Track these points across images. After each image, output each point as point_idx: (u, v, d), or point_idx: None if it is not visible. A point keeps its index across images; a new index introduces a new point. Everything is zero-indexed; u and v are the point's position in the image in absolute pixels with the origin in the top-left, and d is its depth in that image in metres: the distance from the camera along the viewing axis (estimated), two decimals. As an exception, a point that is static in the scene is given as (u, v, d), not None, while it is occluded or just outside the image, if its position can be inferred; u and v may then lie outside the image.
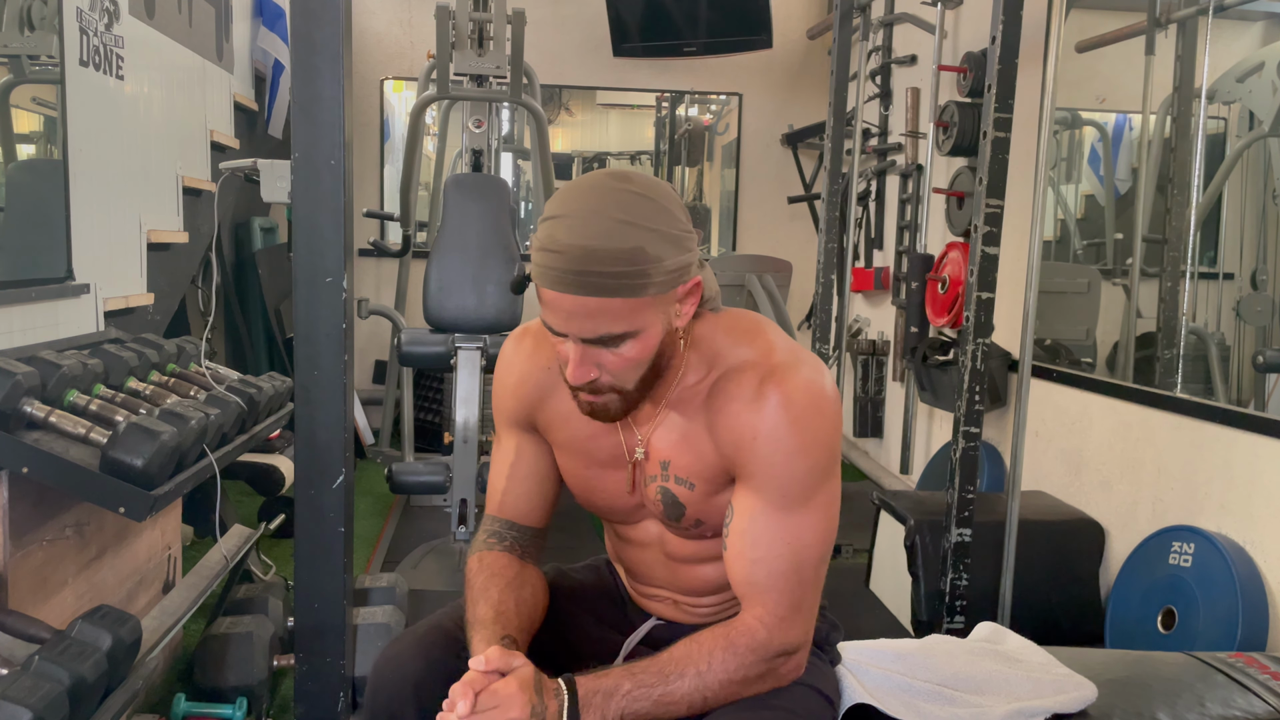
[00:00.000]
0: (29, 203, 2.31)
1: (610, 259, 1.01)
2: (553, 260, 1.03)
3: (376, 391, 4.94)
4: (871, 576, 3.01)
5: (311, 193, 1.63)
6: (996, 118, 2.28)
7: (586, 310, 1.04)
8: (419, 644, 1.22)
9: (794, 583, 1.13)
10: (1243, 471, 2.20)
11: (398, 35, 5.23)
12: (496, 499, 1.31)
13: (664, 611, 1.34)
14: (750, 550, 1.13)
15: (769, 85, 5.46)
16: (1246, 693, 1.40)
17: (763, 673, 1.13)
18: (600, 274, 1.01)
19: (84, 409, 1.83)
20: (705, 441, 1.16)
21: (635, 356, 1.08)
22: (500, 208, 3.47)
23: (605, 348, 1.07)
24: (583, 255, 1.01)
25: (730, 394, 1.13)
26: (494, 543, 1.29)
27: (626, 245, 1.02)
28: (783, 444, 1.10)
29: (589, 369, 1.08)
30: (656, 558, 1.29)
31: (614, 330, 1.05)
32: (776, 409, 1.10)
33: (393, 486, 3.25)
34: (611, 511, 1.29)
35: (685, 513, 1.20)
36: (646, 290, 1.04)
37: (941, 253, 3.30)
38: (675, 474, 1.19)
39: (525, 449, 1.30)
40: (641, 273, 1.03)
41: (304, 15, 1.60)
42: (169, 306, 3.02)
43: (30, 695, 1.37)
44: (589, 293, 1.02)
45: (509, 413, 1.29)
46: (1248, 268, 2.58)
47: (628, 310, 1.04)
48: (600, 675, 1.10)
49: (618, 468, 1.24)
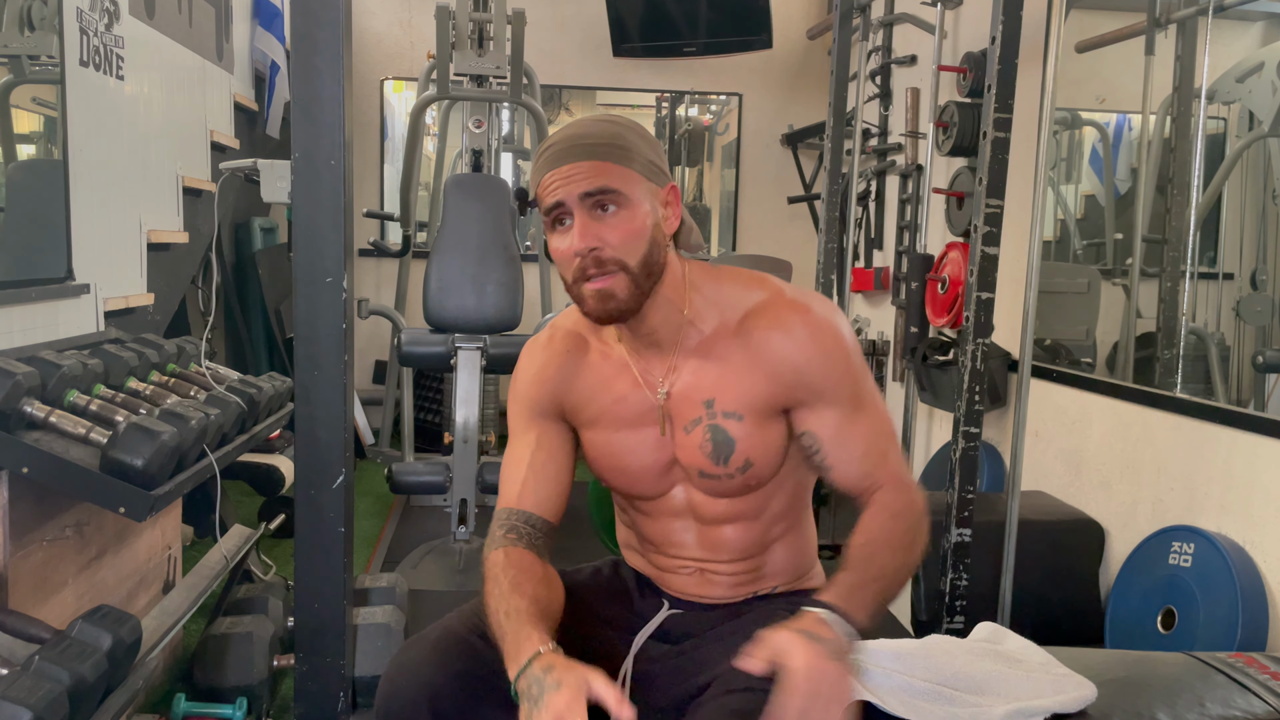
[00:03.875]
0: (29, 203, 2.31)
1: (596, 137, 1.18)
2: (548, 151, 1.19)
3: (376, 391, 4.94)
4: (871, 576, 3.00)
5: (311, 193, 1.63)
6: (996, 118, 2.28)
7: (580, 171, 1.16)
8: (434, 650, 1.20)
9: (893, 453, 1.27)
10: (1243, 471, 2.20)
11: (398, 35, 5.23)
12: (515, 490, 1.32)
13: (688, 586, 1.34)
14: (850, 451, 1.25)
15: (769, 85, 5.46)
16: (1246, 693, 1.40)
17: (924, 526, 1.24)
18: (588, 144, 1.17)
19: (84, 409, 1.83)
20: (752, 374, 1.23)
21: (630, 226, 1.18)
22: (500, 208, 3.47)
23: (604, 215, 1.17)
24: (572, 136, 1.19)
25: (763, 330, 1.23)
26: (513, 538, 1.28)
27: (610, 130, 1.19)
28: (832, 358, 1.23)
29: (591, 237, 1.17)
30: (685, 525, 1.32)
31: (605, 185, 1.16)
32: (817, 332, 1.23)
33: (393, 486, 3.26)
34: (641, 480, 1.30)
35: (735, 449, 1.23)
36: (631, 163, 1.18)
37: (941, 253, 3.29)
38: (722, 410, 1.24)
39: (546, 438, 1.33)
40: (624, 148, 1.18)
41: (304, 15, 1.60)
42: (169, 306, 3.02)
43: (30, 695, 1.37)
44: (581, 157, 1.17)
45: (531, 403, 1.33)
46: (1248, 268, 2.58)
47: (617, 173, 1.17)
48: (828, 588, 1.14)
49: (647, 424, 1.28)
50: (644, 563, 1.40)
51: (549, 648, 1.08)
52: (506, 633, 1.12)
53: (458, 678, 1.18)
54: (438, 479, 3.22)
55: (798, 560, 1.37)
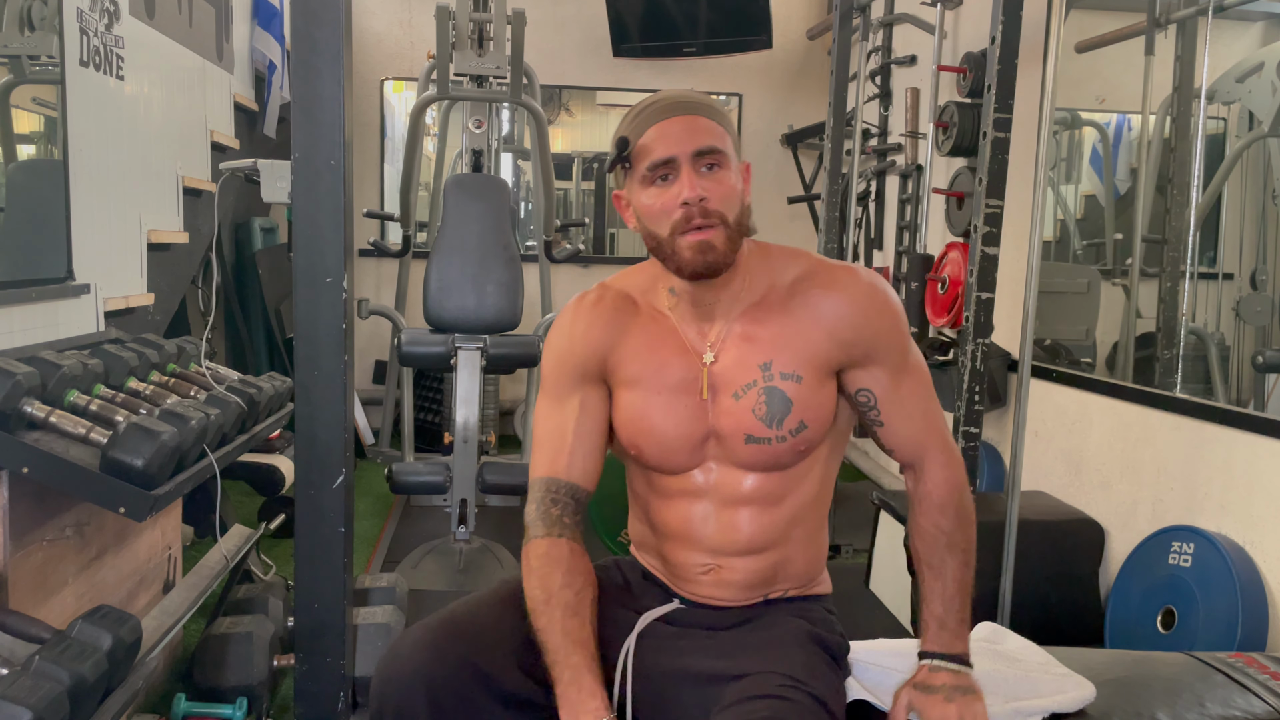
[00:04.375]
0: (29, 203, 2.31)
1: (698, 99, 1.25)
2: (655, 106, 1.23)
3: (376, 391, 4.94)
4: (871, 576, 3.01)
5: (311, 193, 1.63)
6: (996, 118, 2.28)
7: (693, 126, 1.21)
8: (430, 637, 1.21)
9: (936, 413, 1.33)
10: (1243, 471, 2.20)
11: (398, 35, 5.23)
12: (561, 460, 1.31)
13: (700, 589, 1.33)
14: (905, 407, 1.30)
15: (769, 85, 5.46)
16: (1246, 693, 1.40)
17: (970, 502, 1.32)
18: (696, 103, 1.24)
19: (84, 409, 1.83)
20: (810, 334, 1.26)
21: (731, 183, 1.22)
22: (500, 208, 3.47)
23: (708, 172, 1.21)
24: (681, 95, 1.25)
25: (815, 293, 1.27)
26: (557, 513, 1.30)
27: (706, 99, 1.26)
28: (885, 317, 1.28)
29: (700, 189, 1.20)
30: (704, 511, 1.30)
31: (715, 144, 1.21)
32: (869, 292, 1.28)
33: (393, 486, 3.25)
34: (672, 450, 1.29)
35: (792, 410, 1.25)
36: (729, 128, 1.25)
37: (941, 253, 3.29)
38: (780, 371, 1.26)
39: (589, 404, 1.33)
40: (723, 114, 1.25)
41: (304, 15, 1.60)
42: (169, 307, 3.02)
43: (30, 695, 1.37)
44: (691, 111, 1.22)
45: (574, 366, 1.33)
46: (1247, 268, 2.58)
47: (720, 132, 1.23)
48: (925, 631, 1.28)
49: (689, 393, 1.28)
50: (657, 561, 1.38)
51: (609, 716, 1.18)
52: (564, 667, 1.20)
53: (456, 665, 1.18)
54: (438, 479, 3.22)
55: (810, 566, 1.36)
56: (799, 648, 1.26)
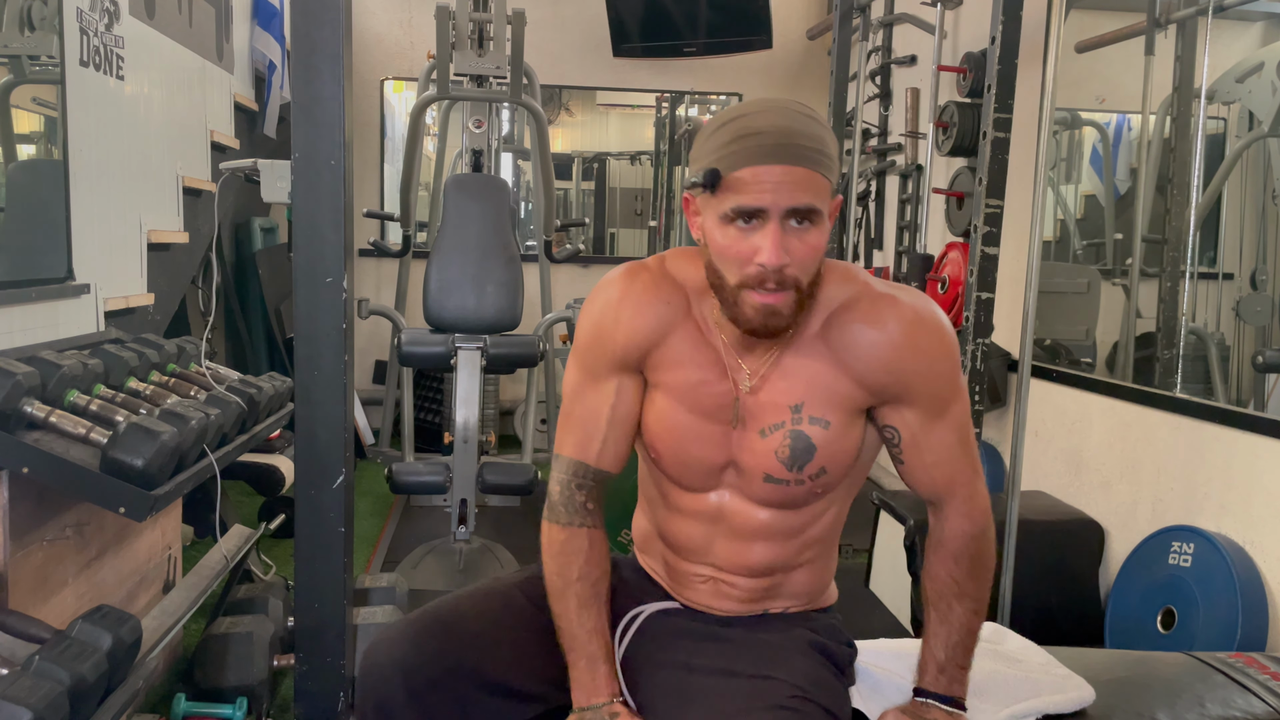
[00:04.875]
0: (29, 203, 2.31)
1: (809, 137, 1.09)
2: (757, 140, 1.08)
3: (376, 391, 4.94)
4: (871, 576, 3.01)
5: (311, 193, 1.63)
6: (996, 118, 2.28)
7: (794, 179, 1.08)
8: (409, 628, 1.23)
9: (967, 458, 1.25)
10: (1243, 471, 2.20)
11: (398, 35, 5.23)
12: (594, 446, 1.26)
13: (699, 597, 1.32)
14: (926, 456, 1.23)
15: (769, 85, 5.46)
16: (1246, 693, 1.40)
17: (990, 548, 1.26)
18: (804, 146, 1.08)
19: (84, 409, 1.83)
20: (838, 376, 1.19)
21: (817, 244, 1.11)
22: (500, 208, 3.47)
23: (797, 229, 1.10)
24: (787, 131, 1.08)
25: (853, 328, 1.18)
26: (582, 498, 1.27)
27: (817, 131, 1.10)
28: (923, 359, 1.18)
29: (782, 252, 1.09)
30: (713, 533, 1.27)
31: (814, 203, 1.09)
32: (910, 329, 1.17)
33: (393, 486, 3.25)
34: (694, 471, 1.25)
35: (814, 457, 1.19)
36: (831, 175, 1.11)
37: (941, 253, 3.29)
38: (810, 414, 1.19)
39: (626, 391, 1.26)
40: (830, 157, 1.11)
41: (304, 15, 1.60)
42: (169, 306, 3.02)
43: (30, 695, 1.37)
44: (796, 161, 1.08)
45: (617, 349, 1.24)
46: (1247, 268, 2.58)
47: (821, 188, 1.10)
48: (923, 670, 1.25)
49: (719, 421, 1.22)
50: (658, 566, 1.37)
51: (620, 699, 1.22)
52: (580, 654, 1.23)
53: (433, 654, 1.20)
54: (438, 479, 3.22)
55: (816, 584, 1.34)
56: (802, 656, 1.25)
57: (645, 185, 5.97)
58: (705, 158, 1.12)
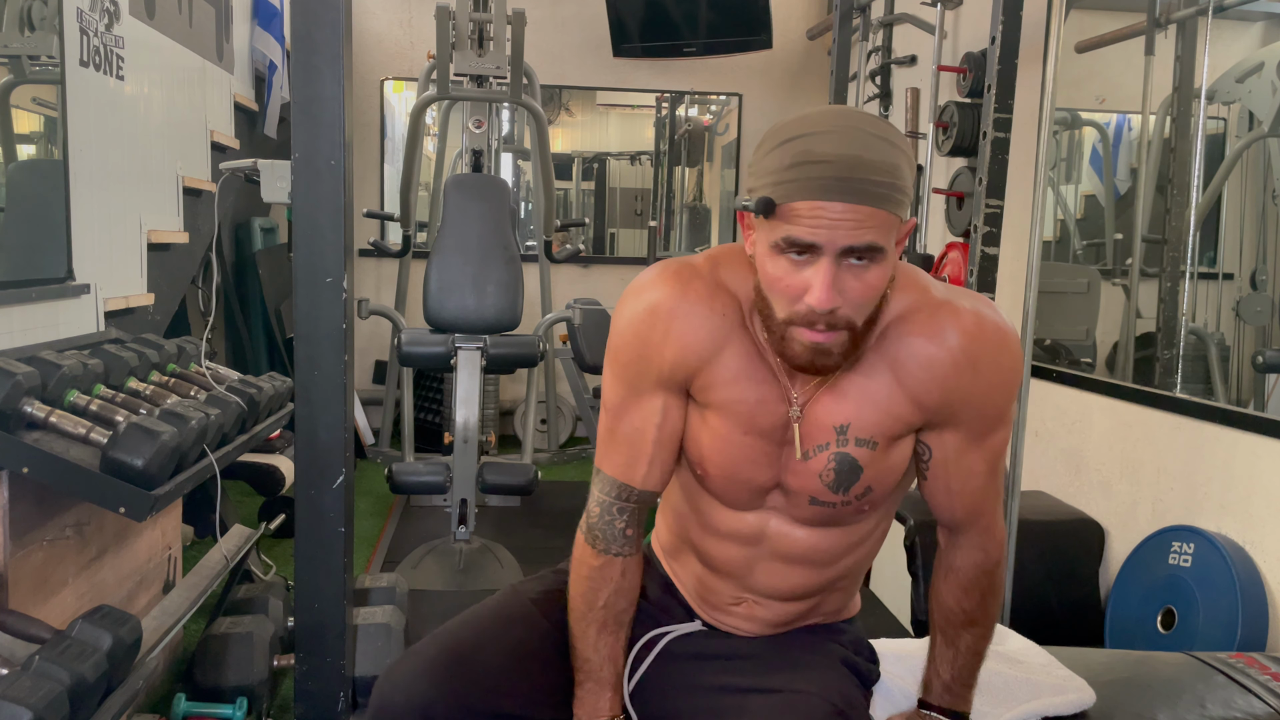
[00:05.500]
0: (29, 203, 2.31)
1: (877, 169, 0.99)
2: (817, 170, 0.98)
3: (376, 391, 4.94)
4: (871, 576, 3.01)
5: (311, 193, 1.63)
6: (996, 118, 2.28)
7: (856, 217, 0.98)
8: (428, 668, 1.17)
9: (994, 488, 1.20)
10: (1243, 471, 2.20)
11: (398, 35, 5.23)
12: (640, 469, 1.19)
13: (726, 619, 1.28)
14: (952, 482, 1.17)
15: (769, 85, 5.46)
16: (1246, 693, 1.40)
17: (1001, 578, 1.25)
18: (870, 181, 0.98)
19: (84, 409, 1.83)
20: (893, 395, 1.11)
21: (877, 283, 1.03)
22: (500, 208, 3.47)
23: (856, 266, 1.01)
24: (853, 163, 0.98)
25: (909, 343, 1.10)
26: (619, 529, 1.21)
27: (889, 159, 0.99)
28: (982, 379, 1.10)
29: (835, 294, 1.01)
30: (754, 555, 1.22)
31: (876, 241, 1.00)
32: (971, 344, 1.09)
33: (393, 486, 3.26)
34: (741, 490, 1.19)
35: (860, 478, 1.13)
36: (901, 208, 1.01)
37: (941, 253, 3.29)
38: (856, 436, 1.12)
39: (671, 410, 1.17)
40: (901, 189, 1.00)
41: (304, 15, 1.60)
42: (169, 306, 3.01)
43: (30, 695, 1.37)
44: (858, 200, 0.98)
45: (665, 366, 1.15)
46: (1247, 268, 2.57)
47: (886, 225, 1.00)
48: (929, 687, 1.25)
49: (773, 441, 1.15)
50: (688, 580, 1.31)
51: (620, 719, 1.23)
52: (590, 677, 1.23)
53: (453, 697, 1.15)
54: (438, 479, 3.22)
55: (845, 601, 1.32)
56: (834, 671, 1.23)
57: (645, 185, 5.97)
58: (762, 177, 1.02)
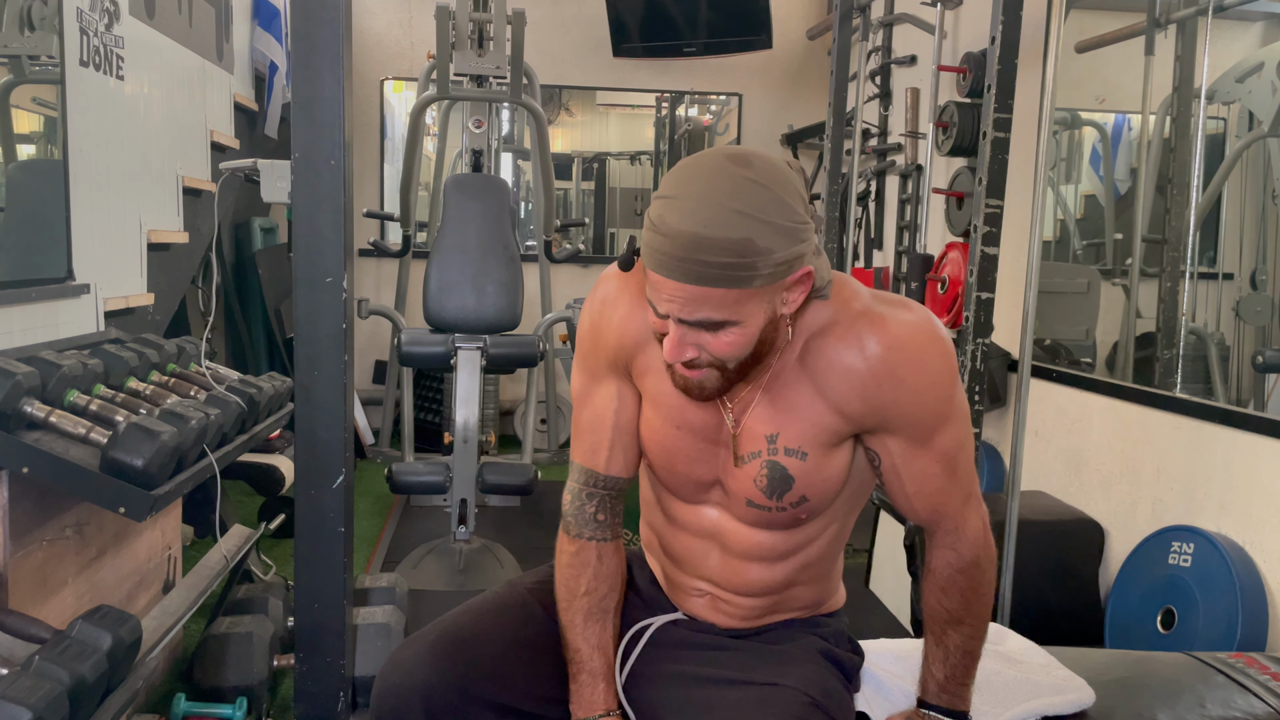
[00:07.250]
0: (29, 203, 2.31)
1: (718, 249, 0.98)
2: (661, 244, 1.00)
3: (376, 391, 4.94)
4: (871, 576, 3.01)
5: (311, 193, 1.63)
6: (996, 118, 2.28)
7: (689, 296, 1.01)
8: (429, 650, 1.19)
9: (955, 486, 1.18)
10: (1242, 471, 2.20)
11: (398, 35, 5.23)
12: (602, 455, 1.24)
13: (698, 609, 1.31)
14: (907, 485, 1.17)
15: (769, 85, 5.46)
16: (1246, 693, 1.40)
17: (984, 576, 1.21)
18: (706, 263, 0.99)
19: (84, 409, 1.83)
20: (817, 406, 1.13)
21: (735, 342, 1.05)
22: (500, 208, 3.47)
23: (706, 331, 1.05)
24: (691, 242, 0.99)
25: (830, 354, 1.12)
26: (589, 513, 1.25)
27: (736, 236, 0.98)
28: (904, 386, 1.10)
29: (686, 348, 1.06)
30: (708, 548, 1.26)
31: (715, 317, 1.03)
32: (890, 354, 1.10)
33: (393, 486, 3.25)
34: (683, 483, 1.23)
35: (793, 487, 1.15)
36: (752, 283, 1.01)
37: (941, 253, 3.29)
38: (785, 445, 1.15)
39: (625, 394, 1.24)
40: (749, 265, 0.99)
41: (304, 15, 1.60)
42: (169, 306, 3.01)
43: (30, 695, 1.37)
44: (694, 281, 1.00)
45: (609, 352, 1.22)
46: (1247, 268, 2.58)
47: (731, 300, 1.02)
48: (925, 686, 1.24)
49: (706, 439, 1.19)
50: (660, 571, 1.36)
51: (616, 713, 1.23)
52: (581, 669, 1.24)
53: (454, 680, 1.17)
54: (438, 479, 3.22)
55: (819, 596, 1.32)
56: (812, 663, 1.23)
57: (645, 185, 5.97)
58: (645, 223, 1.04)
